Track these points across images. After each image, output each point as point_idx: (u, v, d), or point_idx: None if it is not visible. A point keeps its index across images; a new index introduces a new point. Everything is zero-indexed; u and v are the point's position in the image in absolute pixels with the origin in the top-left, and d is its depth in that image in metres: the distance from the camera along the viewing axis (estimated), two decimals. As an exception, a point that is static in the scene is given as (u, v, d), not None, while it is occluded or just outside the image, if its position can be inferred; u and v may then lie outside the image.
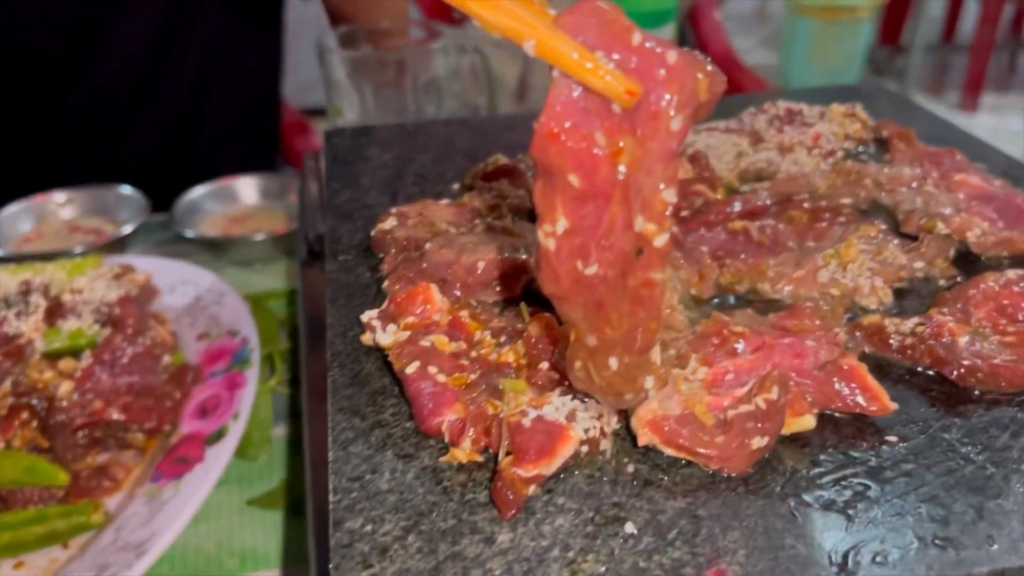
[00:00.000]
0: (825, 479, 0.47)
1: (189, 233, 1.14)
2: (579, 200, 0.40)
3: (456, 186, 0.79)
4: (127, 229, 1.15)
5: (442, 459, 0.49)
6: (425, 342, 0.54)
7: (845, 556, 0.43)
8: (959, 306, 0.58)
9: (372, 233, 0.68)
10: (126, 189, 1.23)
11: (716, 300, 0.63)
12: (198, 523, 0.78)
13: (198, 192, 1.23)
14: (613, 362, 0.44)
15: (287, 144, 1.76)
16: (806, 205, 0.70)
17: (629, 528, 0.44)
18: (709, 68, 0.40)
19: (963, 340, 0.54)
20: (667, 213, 0.41)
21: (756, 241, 0.67)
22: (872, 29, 3.94)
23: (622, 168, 0.40)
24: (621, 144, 0.40)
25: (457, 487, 0.47)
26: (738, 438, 0.47)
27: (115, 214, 1.22)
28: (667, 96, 0.39)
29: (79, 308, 0.90)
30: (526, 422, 0.47)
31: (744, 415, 0.48)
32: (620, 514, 0.45)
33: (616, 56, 0.39)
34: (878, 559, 0.42)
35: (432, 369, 0.51)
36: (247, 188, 1.26)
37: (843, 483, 0.47)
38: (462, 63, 1.31)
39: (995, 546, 0.43)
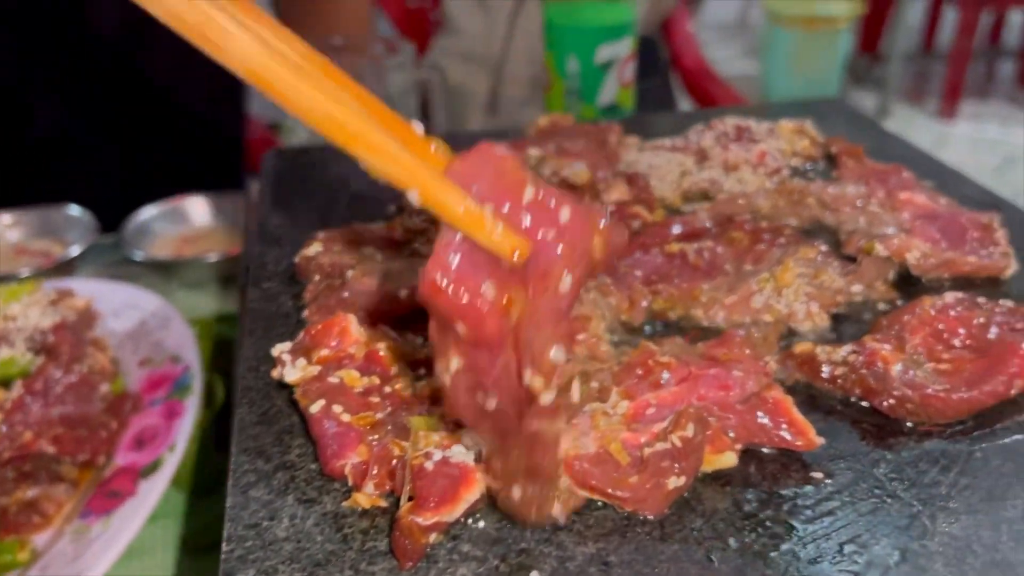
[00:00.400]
0: (746, 520, 0.45)
1: (138, 255, 1.11)
2: (471, 345, 0.39)
3: (393, 208, 0.77)
4: (74, 251, 1.12)
5: (345, 504, 0.46)
6: (333, 378, 0.51)
7: (758, 606, 0.40)
8: (894, 332, 0.56)
9: (296, 259, 0.66)
10: (75, 210, 1.20)
11: (648, 327, 0.61)
12: (130, 560, 0.75)
13: (149, 213, 1.20)
14: (516, 491, 0.43)
15: (254, 160, 1.74)
16: (747, 227, 0.68)
17: (534, 578, 0.42)
18: (605, 224, 0.39)
19: (896, 369, 0.52)
20: (554, 372, 0.39)
21: (692, 264, 0.65)
22: (851, 38, 3.94)
23: (513, 318, 0.39)
24: (511, 296, 0.38)
25: (358, 535, 0.45)
26: (653, 478, 0.45)
27: (64, 236, 1.20)
28: (557, 255, 0.38)
29: (12, 336, 0.88)
30: (429, 465, 0.44)
31: (660, 453, 0.46)
32: (526, 562, 0.43)
33: (506, 210, 0.37)
34: (793, 608, 0.40)
35: (337, 408, 0.49)
36: (199, 208, 1.23)
37: (764, 524, 0.45)
38: (418, 79, 1.29)
39: (916, 592, 0.41)
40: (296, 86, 0.36)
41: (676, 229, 0.69)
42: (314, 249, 0.66)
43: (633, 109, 1.22)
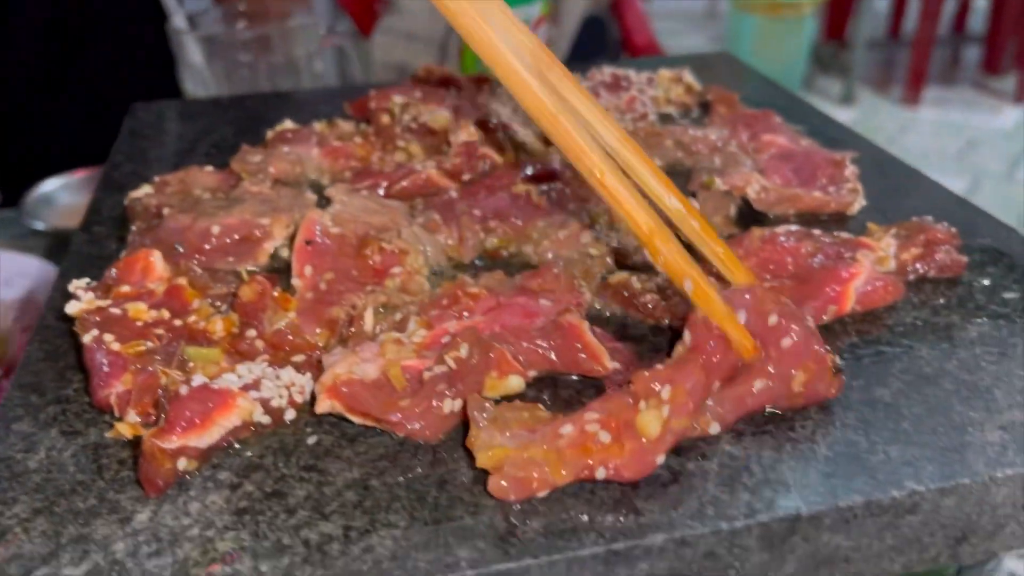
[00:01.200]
0: (527, 446, 0.43)
1: (38, 225, 1.08)
2: (709, 369, 0.43)
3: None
4: (-28, 220, 1.09)
5: (108, 435, 0.44)
6: (116, 309, 0.49)
7: (509, 523, 0.38)
8: None
9: (125, 202, 0.63)
10: (-23, 181, 1.18)
11: (479, 263, 0.59)
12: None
13: (53, 184, 1.17)
14: None
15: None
16: (600, 168, 0.66)
17: (289, 502, 0.40)
18: (819, 370, 0.44)
19: (710, 297, 0.50)
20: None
21: (535, 204, 0.63)
22: (815, 25, 3.94)
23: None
24: None
25: (115, 465, 0.42)
26: (426, 401, 0.43)
27: (-34, 208, 1.17)
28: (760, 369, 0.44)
29: None
30: (184, 390, 0.42)
31: (436, 377, 0.44)
32: (283, 488, 0.41)
33: (752, 323, 0.45)
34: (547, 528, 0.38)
35: (108, 337, 0.47)
36: (102, 178, 1.20)
37: (545, 450, 0.43)
38: (326, 44, 1.26)
39: (680, 510, 0.39)
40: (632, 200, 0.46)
41: (527, 171, 0.67)
42: (144, 191, 0.63)
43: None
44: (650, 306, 0.51)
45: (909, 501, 0.40)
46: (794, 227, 0.56)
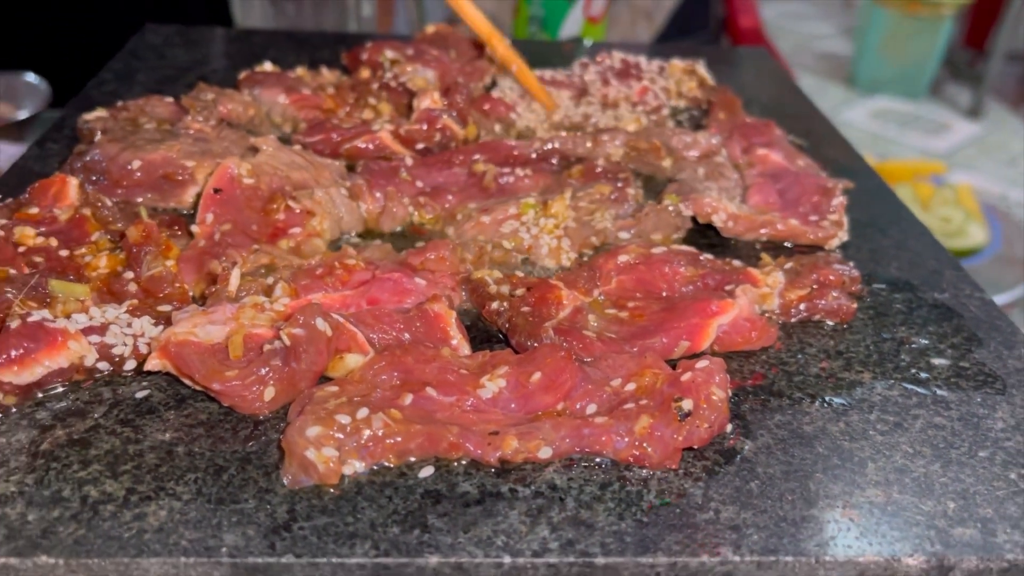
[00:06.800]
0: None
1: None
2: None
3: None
4: (22, 115, 1.13)
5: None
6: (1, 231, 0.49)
7: (292, 515, 0.37)
8: (586, 275, 0.50)
9: (77, 123, 0.64)
10: (31, 77, 1.21)
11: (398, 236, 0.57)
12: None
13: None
14: None
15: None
16: (588, 165, 0.63)
17: (89, 454, 0.39)
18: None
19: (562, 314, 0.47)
20: None
21: (484, 186, 0.60)
22: (952, 28, 3.70)
23: None
24: None
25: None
26: (252, 376, 0.41)
27: (21, 102, 1.20)
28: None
29: None
30: (15, 324, 0.42)
31: (271, 352, 0.42)
32: (90, 439, 0.40)
33: None
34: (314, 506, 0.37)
35: (-23, 258, 0.47)
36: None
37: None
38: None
39: (470, 533, 0.36)
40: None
41: (515, 151, 0.64)
42: (96, 114, 0.63)
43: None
44: (496, 316, 0.48)
45: (720, 569, 0.36)
46: (683, 247, 0.53)
